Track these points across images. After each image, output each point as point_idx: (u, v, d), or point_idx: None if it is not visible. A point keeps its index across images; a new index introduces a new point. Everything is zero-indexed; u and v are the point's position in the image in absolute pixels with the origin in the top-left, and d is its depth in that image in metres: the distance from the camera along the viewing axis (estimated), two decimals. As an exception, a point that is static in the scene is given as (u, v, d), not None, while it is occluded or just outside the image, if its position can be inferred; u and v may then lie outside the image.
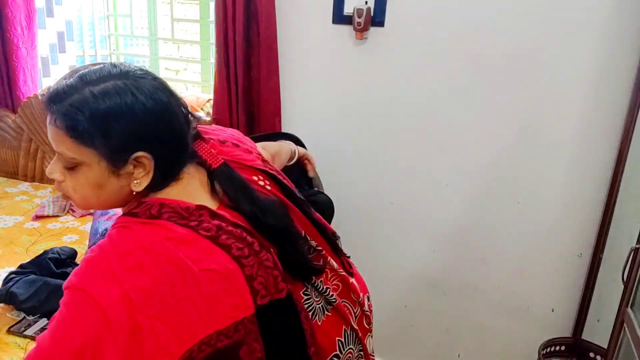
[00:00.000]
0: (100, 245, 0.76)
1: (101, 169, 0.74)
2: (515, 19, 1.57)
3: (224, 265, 0.75)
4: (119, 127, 0.72)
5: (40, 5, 2.28)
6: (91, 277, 0.71)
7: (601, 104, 1.53)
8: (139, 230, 0.75)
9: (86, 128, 0.72)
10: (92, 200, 0.79)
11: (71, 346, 0.67)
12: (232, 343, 0.75)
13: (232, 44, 1.81)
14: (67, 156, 0.74)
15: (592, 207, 1.61)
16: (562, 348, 1.67)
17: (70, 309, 0.70)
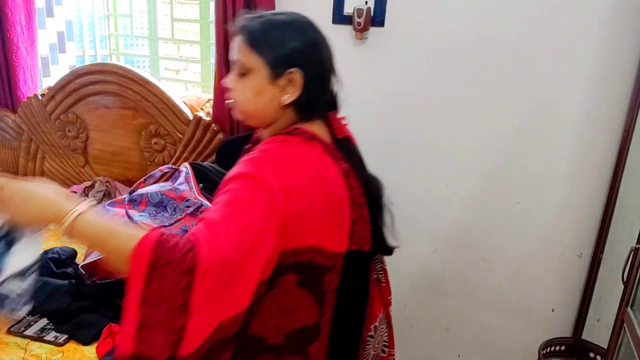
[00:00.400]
0: (262, 150, 0.91)
1: (263, 77, 0.92)
2: (515, 19, 1.57)
3: (344, 199, 0.94)
4: (284, 44, 0.91)
5: (40, 5, 2.29)
6: (260, 168, 0.87)
7: (601, 104, 1.53)
8: (297, 145, 0.92)
9: (259, 38, 0.91)
10: (250, 104, 0.95)
11: (243, 220, 0.80)
12: (325, 265, 0.93)
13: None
14: (241, 62, 0.93)
15: (592, 207, 1.61)
16: (562, 348, 1.67)
17: (243, 191, 0.84)
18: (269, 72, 0.92)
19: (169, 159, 2.07)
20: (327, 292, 0.96)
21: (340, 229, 0.94)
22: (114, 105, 2.10)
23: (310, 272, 0.92)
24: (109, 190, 2.12)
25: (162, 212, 1.50)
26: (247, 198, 0.83)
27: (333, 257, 0.93)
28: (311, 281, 0.93)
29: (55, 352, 1.17)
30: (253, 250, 0.80)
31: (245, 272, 0.80)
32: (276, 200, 0.83)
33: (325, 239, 0.92)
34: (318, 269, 0.93)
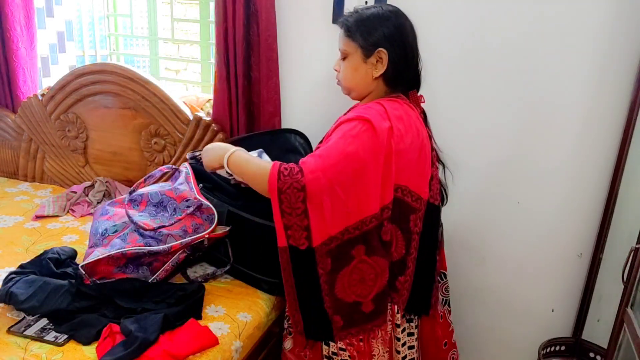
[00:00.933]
0: (373, 102, 1.20)
1: (358, 57, 1.22)
2: (515, 19, 1.57)
3: (429, 156, 1.24)
4: (372, 30, 1.20)
5: (40, 5, 2.29)
6: (372, 114, 1.13)
7: (601, 104, 1.53)
8: (401, 103, 1.21)
9: (353, 28, 1.22)
10: (350, 79, 1.26)
11: (347, 151, 1.09)
12: (411, 206, 1.19)
13: (232, 44, 1.81)
14: (342, 48, 1.24)
15: (592, 207, 1.61)
16: (562, 348, 1.67)
17: (352, 129, 1.12)
18: (362, 53, 1.21)
19: (169, 159, 2.07)
20: (413, 233, 1.21)
21: (424, 178, 1.21)
22: (114, 105, 2.10)
23: (400, 210, 1.17)
24: (109, 190, 2.12)
25: (162, 212, 1.50)
26: (355, 134, 1.11)
27: (417, 200, 1.20)
28: (401, 218, 1.18)
29: (55, 352, 1.17)
30: (358, 174, 1.10)
31: (354, 191, 1.11)
32: (382, 136, 1.10)
33: (412, 182, 1.18)
34: (406, 207, 1.18)
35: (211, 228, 1.41)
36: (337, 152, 1.10)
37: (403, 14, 1.25)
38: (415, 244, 1.23)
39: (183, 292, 1.36)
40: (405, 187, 1.18)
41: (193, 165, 1.60)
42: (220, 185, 1.63)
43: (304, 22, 1.81)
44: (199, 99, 2.14)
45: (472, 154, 1.72)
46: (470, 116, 1.69)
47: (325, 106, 1.86)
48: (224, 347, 1.25)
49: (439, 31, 1.66)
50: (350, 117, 1.15)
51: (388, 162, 1.12)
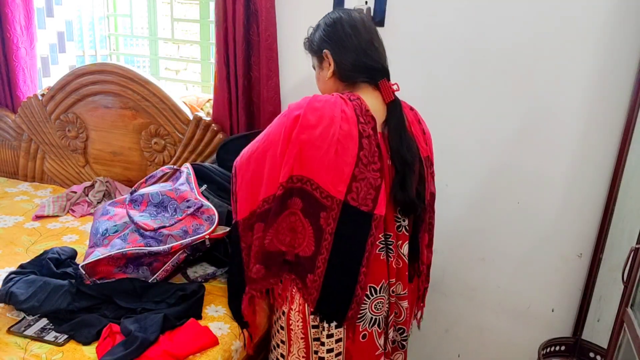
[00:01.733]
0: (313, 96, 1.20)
1: (317, 65, 1.31)
2: (515, 18, 1.57)
3: (351, 154, 1.13)
4: (315, 37, 1.29)
5: (40, 5, 2.29)
6: (294, 104, 1.17)
7: (601, 104, 1.53)
8: (333, 98, 1.17)
9: (307, 44, 1.33)
10: (320, 85, 1.32)
11: (267, 131, 1.21)
12: (321, 202, 1.13)
13: (232, 44, 1.81)
14: (314, 63, 1.32)
15: (592, 207, 1.61)
16: (562, 348, 1.67)
17: (278, 117, 1.21)
18: (317, 61, 1.29)
19: (169, 159, 2.07)
20: (324, 232, 1.14)
21: (339, 177, 1.12)
22: (114, 105, 2.10)
23: (310, 203, 1.14)
24: (109, 190, 2.12)
25: (163, 212, 1.49)
26: (275, 121, 1.20)
27: (328, 197, 1.13)
28: (311, 212, 1.14)
29: (55, 352, 1.17)
30: (265, 151, 1.17)
31: (264, 168, 1.17)
32: (288, 122, 1.14)
33: (322, 178, 1.12)
34: (315, 202, 1.13)
35: (211, 229, 1.41)
36: (259, 136, 1.22)
37: (338, 12, 1.28)
38: (327, 244, 1.14)
39: (183, 292, 1.36)
40: (311, 180, 1.13)
41: (195, 165, 1.60)
42: (221, 185, 1.63)
43: (304, 22, 1.80)
44: (199, 99, 2.14)
45: (472, 154, 1.72)
46: (470, 116, 1.69)
47: (325, 106, 1.86)
48: (224, 347, 1.25)
49: (439, 31, 1.66)
50: (287, 110, 1.22)
51: (284, 148, 1.14)
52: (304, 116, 1.13)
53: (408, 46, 1.70)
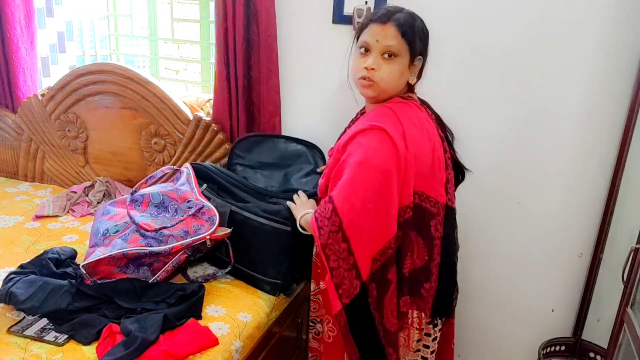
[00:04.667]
0: (385, 106, 1.19)
1: (405, 61, 1.19)
2: (516, 18, 1.57)
3: (442, 159, 1.24)
4: (419, 38, 1.19)
5: (40, 5, 2.28)
6: (385, 122, 1.13)
7: (601, 104, 1.53)
8: (412, 106, 1.21)
9: (408, 30, 1.17)
10: (393, 83, 1.19)
11: (374, 163, 1.10)
12: (430, 211, 1.19)
13: (232, 44, 1.81)
14: (395, 48, 1.16)
15: (592, 207, 1.61)
16: (562, 348, 1.67)
17: (373, 141, 1.12)
18: (409, 59, 1.19)
19: (169, 159, 2.07)
20: (434, 238, 1.20)
21: (439, 182, 1.21)
22: (114, 105, 2.10)
23: (419, 216, 1.18)
24: (109, 190, 2.12)
25: (164, 212, 1.49)
26: (375, 147, 1.11)
27: (436, 204, 1.20)
28: (421, 225, 1.19)
29: (55, 352, 1.17)
30: (385, 185, 1.10)
31: (384, 203, 1.11)
32: (400, 144, 1.11)
33: (429, 187, 1.18)
34: (425, 213, 1.18)
35: (212, 229, 1.41)
36: (363, 170, 1.10)
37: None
38: (438, 249, 1.22)
39: (183, 292, 1.36)
40: (422, 193, 1.18)
41: (195, 165, 1.60)
42: (223, 185, 1.63)
43: (304, 22, 1.81)
44: (199, 99, 2.14)
45: (472, 154, 1.71)
46: (469, 116, 1.69)
47: (325, 106, 1.87)
48: (224, 347, 1.25)
49: (438, 32, 1.65)
50: (364, 128, 1.14)
51: (406, 169, 1.12)
52: (408, 132, 1.13)
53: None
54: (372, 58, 1.16)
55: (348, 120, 1.86)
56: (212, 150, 1.97)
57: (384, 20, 1.16)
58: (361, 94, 1.24)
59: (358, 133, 1.15)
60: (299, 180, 1.71)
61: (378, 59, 1.17)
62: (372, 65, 1.16)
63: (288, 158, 1.78)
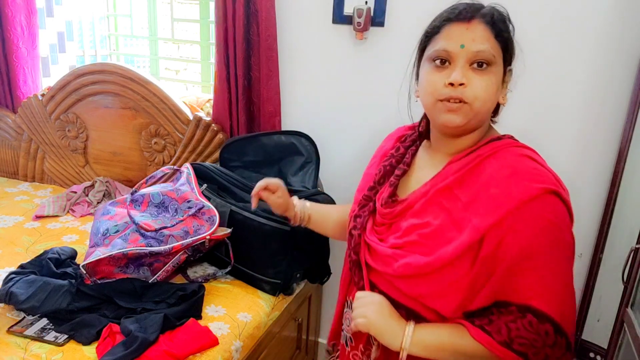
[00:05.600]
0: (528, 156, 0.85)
1: (500, 72, 0.85)
2: (515, 18, 1.56)
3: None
4: (512, 38, 0.87)
5: (40, 5, 2.28)
6: (557, 185, 0.81)
7: (601, 104, 1.53)
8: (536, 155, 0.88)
9: (503, 29, 0.85)
10: (488, 102, 0.85)
11: (570, 240, 0.81)
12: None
13: (232, 44, 1.81)
14: (488, 53, 0.82)
15: (592, 207, 1.61)
16: (562, 348, 1.67)
17: (559, 214, 0.80)
18: (503, 68, 0.85)
19: (169, 159, 2.07)
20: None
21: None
22: (114, 105, 2.10)
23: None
24: (109, 190, 2.12)
25: (164, 212, 1.50)
26: (561, 220, 0.80)
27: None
28: None
29: (55, 352, 1.17)
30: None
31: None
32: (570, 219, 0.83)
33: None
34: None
35: (212, 230, 1.41)
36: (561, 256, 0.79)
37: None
38: None
39: (183, 292, 1.36)
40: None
41: (195, 165, 1.60)
42: (223, 185, 1.63)
43: (304, 22, 1.81)
44: (199, 99, 2.14)
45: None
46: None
47: (325, 106, 1.87)
48: (224, 347, 1.25)
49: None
50: (533, 194, 0.77)
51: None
52: (570, 210, 0.82)
53: (408, 47, 1.70)
54: (458, 70, 0.82)
55: (348, 119, 1.86)
56: (212, 150, 1.97)
57: (467, 17, 0.83)
58: (442, 123, 0.86)
59: (526, 202, 0.77)
60: (295, 177, 1.70)
61: (463, 70, 0.82)
62: (462, 80, 0.81)
63: (276, 152, 1.76)
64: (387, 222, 0.93)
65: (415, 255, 0.84)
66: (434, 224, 0.84)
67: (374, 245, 0.92)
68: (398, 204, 0.93)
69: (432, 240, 0.83)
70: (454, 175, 0.85)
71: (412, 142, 1.03)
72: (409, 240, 0.86)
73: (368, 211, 0.99)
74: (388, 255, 0.88)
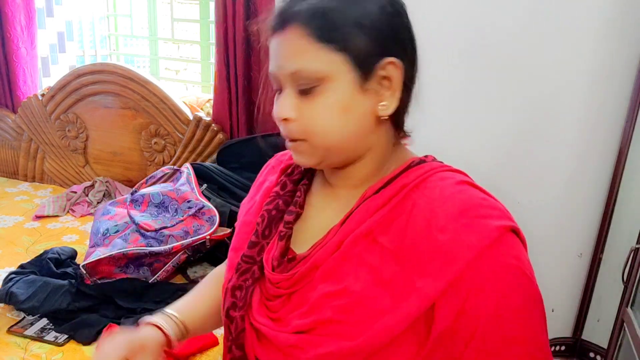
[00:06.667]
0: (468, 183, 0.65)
1: (348, 84, 0.58)
2: (515, 19, 1.57)
3: None
4: (371, 20, 0.58)
5: (40, 5, 2.29)
6: (507, 213, 0.62)
7: (601, 104, 1.53)
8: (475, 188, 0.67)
9: (337, 25, 0.57)
10: (336, 132, 0.59)
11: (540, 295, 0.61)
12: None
13: (232, 44, 1.81)
14: (310, 70, 0.57)
15: (592, 207, 1.61)
16: (562, 348, 1.67)
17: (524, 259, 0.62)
18: (358, 73, 0.58)
19: (169, 159, 2.07)
20: None
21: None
22: (114, 105, 2.10)
23: None
24: (109, 190, 2.12)
25: (164, 212, 1.50)
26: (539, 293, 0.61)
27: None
28: None
29: (55, 352, 1.17)
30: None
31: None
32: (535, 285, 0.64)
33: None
34: None
35: (212, 230, 1.41)
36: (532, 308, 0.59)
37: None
38: None
39: (183, 292, 1.35)
40: None
41: (195, 165, 1.60)
42: (222, 185, 1.63)
43: (304, 22, 1.81)
44: (199, 99, 2.15)
45: (471, 154, 1.72)
46: (469, 116, 1.69)
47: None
48: (224, 347, 1.25)
49: (438, 31, 1.66)
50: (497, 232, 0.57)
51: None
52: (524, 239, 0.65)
53: (408, 46, 1.70)
54: (280, 100, 0.61)
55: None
56: (212, 150, 1.97)
57: (280, 25, 0.59)
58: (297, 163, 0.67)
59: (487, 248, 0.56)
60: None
61: (290, 99, 0.60)
62: (283, 114, 0.60)
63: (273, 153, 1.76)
64: (285, 292, 0.63)
65: (334, 341, 0.57)
66: (354, 289, 0.57)
67: (265, 331, 0.62)
68: (298, 265, 0.63)
69: (356, 315, 0.57)
70: (374, 215, 0.60)
71: (301, 174, 0.72)
72: (321, 319, 0.58)
73: (252, 279, 0.67)
74: (290, 345, 0.59)
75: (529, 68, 1.58)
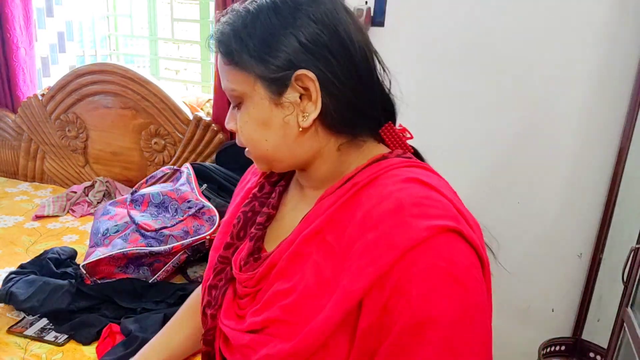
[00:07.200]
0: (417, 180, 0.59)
1: (262, 100, 0.60)
2: (515, 19, 1.57)
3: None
4: (274, 38, 0.58)
5: (40, 5, 2.29)
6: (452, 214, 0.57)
7: (601, 104, 1.53)
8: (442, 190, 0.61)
9: (235, 45, 0.59)
10: (263, 144, 0.62)
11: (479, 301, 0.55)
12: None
13: (232, 44, 1.81)
14: (230, 89, 0.62)
15: (592, 207, 1.61)
16: (562, 348, 1.67)
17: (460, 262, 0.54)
18: (271, 89, 0.59)
19: (169, 159, 2.07)
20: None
21: None
22: (114, 105, 2.10)
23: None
24: (109, 190, 2.12)
25: (164, 212, 1.50)
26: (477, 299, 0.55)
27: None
28: None
29: (55, 352, 1.17)
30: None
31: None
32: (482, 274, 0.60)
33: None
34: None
35: (212, 230, 1.41)
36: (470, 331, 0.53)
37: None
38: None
39: (183, 292, 1.36)
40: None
41: (195, 165, 1.60)
42: (222, 185, 1.63)
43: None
44: (199, 99, 2.15)
45: (471, 154, 1.72)
46: (469, 116, 1.69)
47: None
48: (224, 347, 1.25)
49: (439, 31, 1.66)
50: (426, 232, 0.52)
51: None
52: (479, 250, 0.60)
53: (408, 46, 1.70)
54: (228, 112, 0.66)
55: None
56: (212, 150, 1.97)
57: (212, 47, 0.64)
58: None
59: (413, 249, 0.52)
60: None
61: (233, 112, 0.65)
62: (228, 125, 0.66)
63: None
64: (252, 291, 0.65)
65: (278, 342, 0.56)
66: (299, 288, 0.57)
67: (226, 331, 0.65)
68: (261, 263, 0.64)
69: (297, 315, 0.56)
70: (324, 214, 0.60)
71: (279, 176, 0.75)
72: (271, 317, 0.58)
73: (225, 279, 0.70)
74: (244, 344, 0.61)
75: (529, 69, 1.59)
